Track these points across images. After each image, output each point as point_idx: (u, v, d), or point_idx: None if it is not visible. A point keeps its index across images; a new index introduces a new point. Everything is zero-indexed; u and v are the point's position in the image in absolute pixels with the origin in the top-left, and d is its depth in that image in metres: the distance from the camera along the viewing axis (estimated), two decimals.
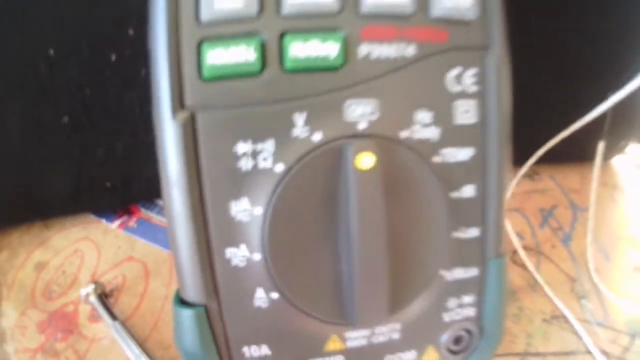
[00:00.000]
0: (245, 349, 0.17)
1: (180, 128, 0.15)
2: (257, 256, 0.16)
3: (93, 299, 0.24)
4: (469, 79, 0.17)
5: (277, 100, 0.16)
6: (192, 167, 0.16)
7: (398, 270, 0.17)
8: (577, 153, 0.33)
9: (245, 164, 0.16)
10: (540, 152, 0.28)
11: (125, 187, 0.26)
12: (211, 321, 0.17)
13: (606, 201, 0.33)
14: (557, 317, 0.27)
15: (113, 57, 0.24)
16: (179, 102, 0.15)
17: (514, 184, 0.29)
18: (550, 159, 0.33)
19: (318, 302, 0.17)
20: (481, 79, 0.17)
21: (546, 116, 0.30)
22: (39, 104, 0.24)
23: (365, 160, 0.15)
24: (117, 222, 0.27)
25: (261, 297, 0.16)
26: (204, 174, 0.16)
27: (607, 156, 0.34)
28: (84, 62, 0.24)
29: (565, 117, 0.29)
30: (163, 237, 0.27)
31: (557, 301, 0.27)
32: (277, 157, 0.16)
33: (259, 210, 0.16)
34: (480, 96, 0.17)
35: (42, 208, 0.27)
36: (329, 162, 0.16)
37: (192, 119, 0.15)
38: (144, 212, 0.28)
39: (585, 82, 0.29)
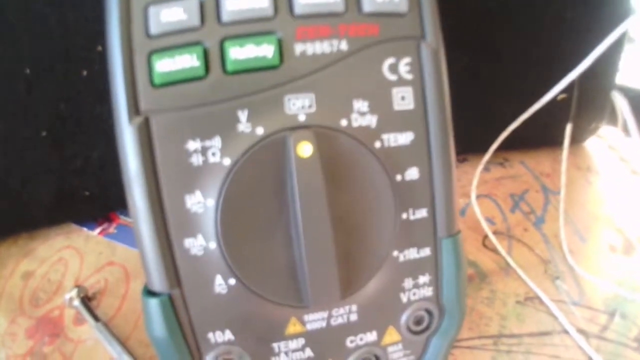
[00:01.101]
0: (210, 335, 0.19)
1: (136, 131, 0.17)
2: (213, 245, 0.18)
3: (76, 302, 0.26)
4: (403, 68, 0.19)
5: (222, 100, 0.17)
6: (148, 166, 0.17)
7: (348, 252, 0.18)
8: (549, 138, 0.34)
9: (197, 160, 0.17)
10: (503, 136, 0.29)
11: (104, 195, 0.28)
12: (176, 308, 0.18)
13: (580, 183, 0.34)
14: (532, 299, 0.28)
15: (85, 73, 0.26)
16: (134, 107, 0.17)
17: (480, 169, 0.31)
18: (522, 145, 0.35)
19: (274, 286, 0.18)
20: (416, 67, 0.19)
21: (514, 103, 0.31)
22: (18, 121, 0.26)
23: (305, 148, 0.17)
24: (97, 230, 0.29)
25: (220, 284, 0.18)
26: (160, 171, 0.17)
27: (579, 139, 0.35)
28: (59, 79, 0.26)
29: (533, 103, 0.30)
30: None
31: (530, 282, 0.28)
32: (224, 151, 0.17)
33: (211, 202, 0.18)
34: (416, 83, 0.19)
35: (26, 220, 0.29)
36: (272, 153, 0.17)
37: (146, 122, 0.17)
38: (123, 219, 0.30)
39: (553, 68, 0.30)
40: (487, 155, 0.29)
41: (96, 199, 0.28)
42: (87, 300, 0.26)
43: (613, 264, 0.30)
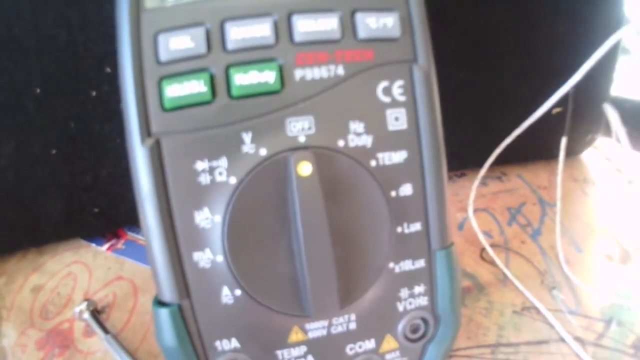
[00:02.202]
0: (217, 343, 0.20)
1: (148, 152, 0.19)
2: (220, 258, 0.20)
3: (86, 315, 0.28)
4: (397, 90, 0.21)
5: (227, 123, 0.19)
6: (160, 184, 0.19)
7: (347, 264, 0.20)
8: (545, 151, 0.36)
9: (204, 179, 0.19)
10: (498, 150, 0.31)
11: (112, 212, 0.30)
12: (185, 318, 0.20)
13: (577, 195, 0.36)
14: (528, 309, 0.30)
15: (93, 93, 0.28)
16: (145, 130, 0.19)
17: (476, 184, 0.33)
18: (519, 159, 0.36)
19: (277, 296, 0.20)
20: (409, 89, 0.21)
21: (509, 117, 0.33)
22: (29, 138, 0.28)
23: (305, 168, 0.19)
24: (106, 245, 0.31)
25: (227, 295, 0.20)
26: (171, 189, 0.19)
27: (575, 151, 0.37)
28: (68, 99, 0.28)
29: (528, 117, 0.32)
30: None
31: (527, 293, 0.30)
32: (230, 171, 0.19)
33: (218, 218, 0.19)
34: (409, 104, 0.21)
35: (36, 235, 0.31)
36: (275, 172, 0.19)
37: (157, 144, 0.19)
38: (131, 235, 0.32)
39: (547, 82, 0.32)
40: (483, 170, 0.31)
41: (105, 215, 0.30)
42: (96, 313, 0.28)
43: (609, 273, 0.32)
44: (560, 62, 0.33)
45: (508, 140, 0.31)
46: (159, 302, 0.20)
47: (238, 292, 0.20)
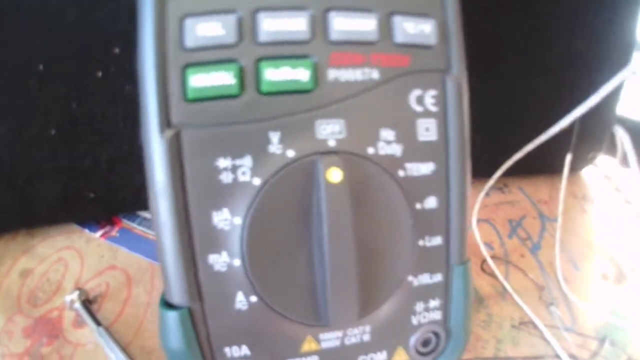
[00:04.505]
0: (226, 349, 0.19)
1: (167, 144, 0.18)
2: (237, 262, 0.18)
3: (77, 305, 0.26)
4: (429, 100, 0.20)
5: (255, 120, 0.18)
6: (177, 180, 0.18)
7: (367, 275, 0.19)
8: (547, 165, 0.36)
9: (226, 177, 0.18)
10: (507, 164, 0.30)
11: (109, 198, 0.29)
12: (195, 322, 0.19)
13: (575, 211, 0.36)
14: (526, 323, 0.30)
15: (99, 74, 0.26)
16: (165, 120, 0.18)
17: (482, 196, 0.32)
18: (521, 171, 0.36)
19: (294, 305, 0.19)
20: (441, 100, 0.20)
21: (517, 130, 0.33)
22: (28, 117, 0.27)
23: (335, 174, 0.18)
24: (99, 232, 0.30)
25: (241, 301, 0.19)
26: (188, 185, 0.18)
27: (576, 168, 0.37)
28: (72, 78, 0.27)
29: (535, 131, 0.32)
30: (144, 246, 0.29)
31: (526, 308, 0.30)
32: (254, 171, 0.18)
33: (238, 220, 0.18)
34: (440, 115, 0.20)
35: (28, 217, 0.29)
36: (301, 176, 0.18)
37: (177, 136, 0.18)
38: (126, 223, 0.30)
39: (558, 98, 0.32)
40: (491, 182, 0.31)
41: (101, 202, 0.29)
42: (88, 304, 0.27)
43: (605, 292, 0.32)
44: (573, 79, 0.33)
45: (519, 154, 0.30)
46: (166, 303, 0.19)
47: (253, 298, 0.19)
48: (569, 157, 0.34)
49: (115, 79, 0.26)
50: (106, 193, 0.29)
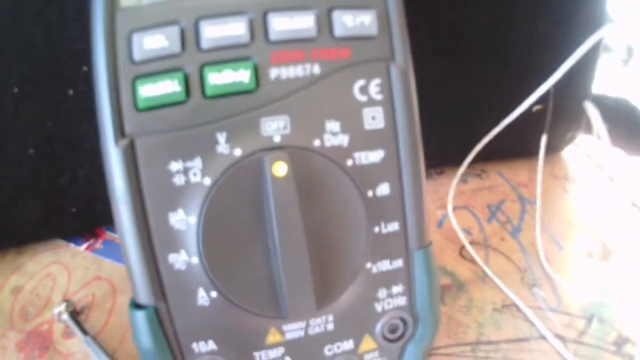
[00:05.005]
0: (194, 345, 0.20)
1: (122, 153, 0.19)
2: (195, 260, 0.19)
3: (65, 316, 0.27)
4: (374, 89, 0.20)
5: (202, 123, 0.19)
6: (134, 185, 0.19)
7: (323, 265, 0.20)
8: (526, 148, 0.36)
9: (179, 180, 0.19)
10: (477, 148, 0.31)
11: (90, 211, 0.30)
12: (161, 320, 0.20)
13: (557, 192, 0.36)
14: (509, 306, 0.30)
15: (70, 92, 0.28)
16: (119, 130, 0.19)
17: (455, 182, 0.32)
18: (499, 156, 0.36)
19: (253, 298, 0.20)
20: (386, 88, 0.20)
21: (487, 115, 0.33)
22: (6, 139, 0.28)
23: (280, 168, 0.19)
24: (84, 245, 0.31)
25: (203, 297, 0.20)
26: (145, 190, 0.19)
27: (556, 148, 0.37)
28: (46, 98, 0.28)
29: (506, 115, 0.32)
30: None
31: (507, 290, 0.30)
32: (204, 172, 0.19)
33: (193, 219, 0.19)
34: (386, 103, 0.20)
35: (15, 236, 0.30)
36: (250, 173, 0.19)
37: (131, 145, 0.19)
38: (109, 234, 0.31)
39: (528, 79, 0.32)
40: (462, 168, 0.31)
41: (83, 215, 0.30)
42: (75, 314, 0.28)
43: (590, 270, 0.32)
44: (542, 60, 0.33)
45: (487, 138, 0.30)
46: (135, 305, 0.20)
47: (214, 293, 0.20)
48: (544, 138, 0.34)
49: (85, 95, 0.27)
50: (87, 206, 0.30)
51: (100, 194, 0.29)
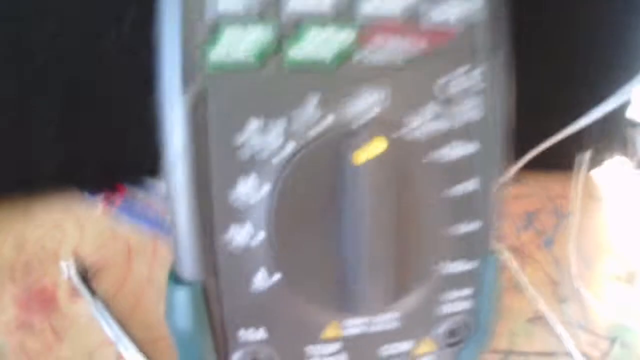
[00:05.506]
0: (241, 332, 0.17)
1: (190, 103, 0.16)
2: (261, 235, 0.17)
3: (73, 275, 0.24)
4: (473, 78, 0.18)
5: (288, 87, 0.16)
6: (199, 142, 0.16)
7: (399, 261, 0.18)
8: (562, 162, 0.35)
9: (256, 143, 0.16)
10: (525, 159, 0.29)
11: (114, 165, 0.27)
12: (208, 299, 0.17)
13: (589, 209, 0.34)
14: (540, 318, 0.28)
15: (112, 34, 0.24)
16: (190, 77, 0.16)
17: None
18: (537, 165, 0.35)
19: (320, 287, 0.17)
20: (485, 78, 0.18)
21: (540, 123, 0.31)
22: (34, 79, 0.24)
23: (372, 151, 0.16)
24: (101, 200, 0.27)
25: (263, 278, 0.17)
26: (212, 149, 0.16)
27: (591, 166, 0.35)
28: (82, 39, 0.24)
29: (556, 125, 0.30)
30: (148, 217, 0.27)
31: (541, 302, 0.29)
32: (287, 137, 0.16)
33: (266, 189, 0.16)
34: (483, 94, 0.18)
35: (28, 180, 0.26)
36: (333, 152, 0.16)
37: (202, 95, 0.16)
38: (131, 191, 0.28)
39: (579, 93, 0.30)
40: (510, 174, 0.30)
41: (106, 168, 0.26)
42: (85, 273, 0.24)
43: (616, 292, 0.31)
44: (598, 75, 0.31)
45: (535, 151, 0.29)
46: (176, 278, 0.17)
47: (277, 276, 0.17)
48: (587, 155, 0.32)
49: (127, 40, 0.24)
50: (112, 160, 0.26)
51: (129, 149, 0.26)
